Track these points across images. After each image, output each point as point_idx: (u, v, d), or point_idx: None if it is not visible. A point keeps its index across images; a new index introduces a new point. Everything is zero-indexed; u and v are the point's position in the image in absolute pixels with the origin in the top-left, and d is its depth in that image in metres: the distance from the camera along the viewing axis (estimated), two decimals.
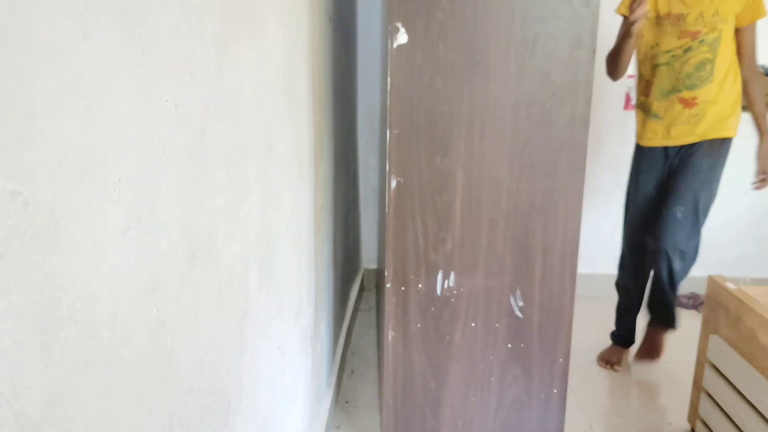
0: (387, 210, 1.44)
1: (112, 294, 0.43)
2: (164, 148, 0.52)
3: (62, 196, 0.37)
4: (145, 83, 0.48)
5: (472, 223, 1.44)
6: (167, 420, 0.54)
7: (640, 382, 1.99)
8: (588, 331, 2.35)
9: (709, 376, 1.57)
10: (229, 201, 0.71)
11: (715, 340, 1.55)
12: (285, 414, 1.08)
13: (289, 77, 1.05)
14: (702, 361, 1.64)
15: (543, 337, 1.51)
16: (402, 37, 1.35)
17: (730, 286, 1.54)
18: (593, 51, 1.36)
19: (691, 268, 1.99)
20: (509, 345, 1.52)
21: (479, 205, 1.43)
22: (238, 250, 0.75)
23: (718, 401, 1.51)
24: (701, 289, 2.67)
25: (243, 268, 0.77)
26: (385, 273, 1.48)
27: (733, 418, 1.44)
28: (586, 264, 2.71)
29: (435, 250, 1.46)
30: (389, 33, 1.35)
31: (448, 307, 1.49)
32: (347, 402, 1.83)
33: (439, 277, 1.47)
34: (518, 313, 1.50)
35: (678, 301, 2.62)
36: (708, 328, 1.62)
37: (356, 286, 2.47)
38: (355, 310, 2.37)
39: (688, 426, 1.75)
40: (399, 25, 1.34)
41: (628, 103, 2.56)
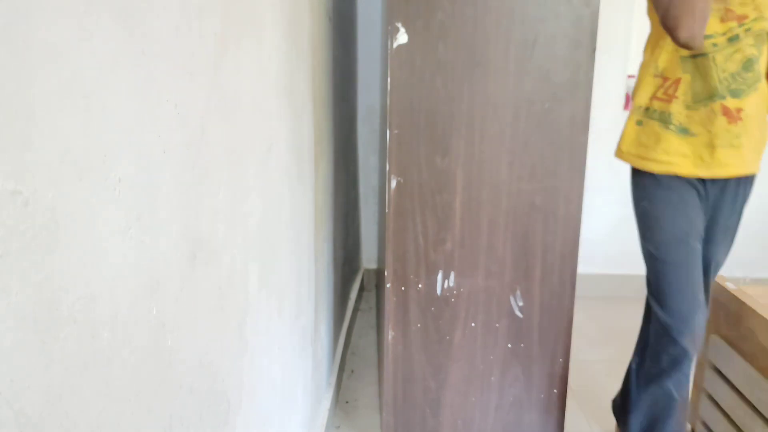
0: (387, 210, 1.44)
1: (112, 294, 0.43)
2: (164, 148, 0.52)
3: (62, 196, 0.37)
4: (145, 83, 0.48)
5: (472, 223, 1.44)
6: (167, 420, 0.54)
7: None
8: (588, 331, 2.35)
9: (709, 376, 1.57)
10: (229, 201, 0.71)
11: (715, 340, 1.55)
12: (285, 414, 1.08)
13: (289, 77, 1.05)
14: (702, 362, 1.64)
15: (543, 337, 1.51)
16: (402, 37, 1.35)
17: (730, 286, 1.54)
18: (593, 51, 1.36)
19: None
20: (509, 345, 1.52)
21: (479, 205, 1.43)
22: (238, 250, 0.75)
23: (718, 401, 1.51)
24: None
25: (243, 268, 0.77)
26: (385, 273, 1.48)
27: (733, 419, 1.44)
28: (586, 264, 2.71)
29: (435, 250, 1.46)
30: (389, 33, 1.35)
31: (448, 307, 1.49)
32: (347, 402, 1.83)
33: (439, 277, 1.47)
34: (518, 313, 1.50)
35: None
36: (708, 328, 1.62)
37: (356, 286, 2.47)
38: (355, 310, 2.37)
39: (688, 426, 1.75)
40: (399, 25, 1.34)
41: (628, 103, 2.55)
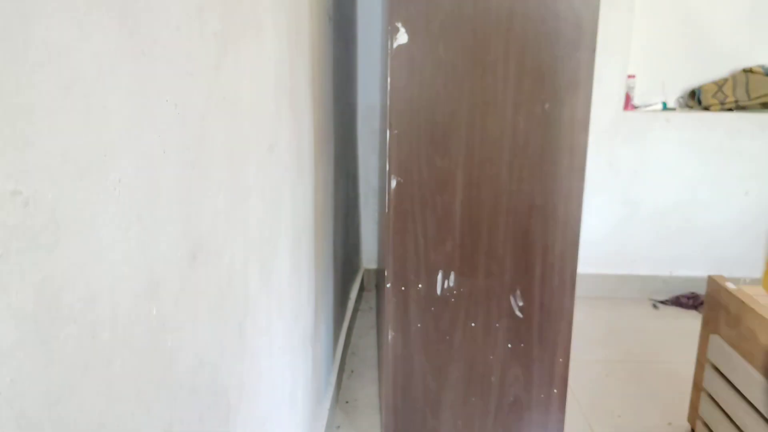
0: (387, 210, 1.44)
1: (112, 294, 0.43)
2: (164, 148, 0.52)
3: (62, 196, 0.37)
4: (145, 83, 0.48)
5: (472, 223, 1.44)
6: (167, 420, 0.54)
7: (640, 382, 1.99)
8: (588, 331, 2.35)
9: (709, 376, 1.57)
10: (229, 201, 0.71)
11: (715, 340, 1.55)
12: (285, 414, 1.08)
13: (289, 77, 1.04)
14: (702, 361, 1.64)
15: (543, 337, 1.51)
16: (402, 37, 1.35)
17: (730, 286, 1.54)
18: (593, 51, 1.36)
19: None
20: (509, 345, 1.52)
21: (479, 205, 1.43)
22: (238, 250, 0.75)
23: (719, 401, 1.51)
24: (701, 289, 2.67)
25: (243, 268, 0.77)
26: (385, 273, 1.48)
27: (734, 418, 1.44)
28: (587, 264, 2.71)
29: (435, 250, 1.46)
30: (389, 33, 1.35)
31: (448, 307, 1.49)
32: (347, 402, 1.83)
33: (439, 277, 1.47)
34: (518, 313, 1.50)
35: (678, 302, 2.62)
36: (708, 328, 1.62)
37: (356, 286, 2.47)
38: (355, 310, 2.37)
39: (688, 426, 1.75)
40: (399, 25, 1.34)
41: (628, 103, 2.56)
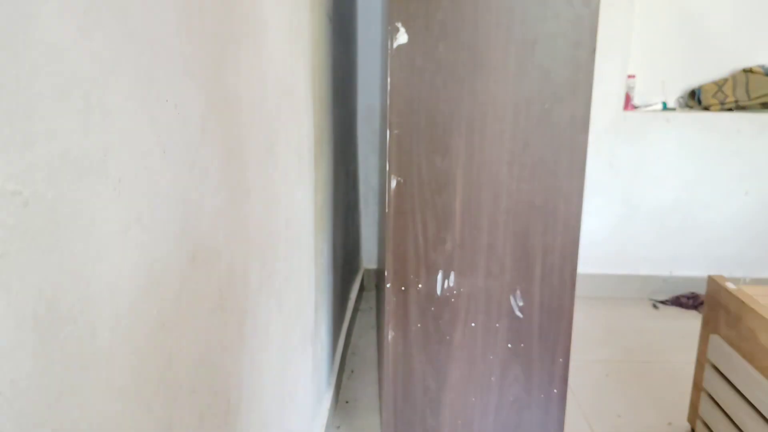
0: (387, 210, 1.44)
1: (112, 294, 0.43)
2: (164, 148, 0.52)
3: (62, 196, 0.37)
4: (145, 83, 0.48)
5: (472, 223, 1.44)
6: (167, 420, 0.54)
7: (640, 382, 1.99)
8: (588, 331, 2.35)
9: (709, 376, 1.57)
10: (229, 201, 0.71)
11: (715, 340, 1.55)
12: (285, 414, 1.08)
13: (289, 77, 1.04)
14: (702, 361, 1.64)
15: (543, 337, 1.51)
16: (402, 37, 1.35)
17: (730, 286, 1.54)
18: (593, 51, 1.36)
19: None
20: (509, 345, 1.52)
21: (479, 205, 1.43)
22: (238, 250, 0.75)
23: (719, 401, 1.51)
24: (701, 289, 2.67)
25: (243, 268, 0.77)
26: (385, 273, 1.48)
27: (733, 418, 1.44)
28: (586, 264, 2.71)
29: (435, 250, 1.46)
30: (389, 33, 1.35)
31: (448, 307, 1.49)
32: (347, 402, 1.83)
33: (439, 277, 1.47)
34: (518, 313, 1.50)
35: (678, 302, 2.62)
36: (708, 328, 1.62)
37: (356, 286, 2.47)
38: (355, 310, 2.37)
39: (688, 426, 1.75)
40: (399, 25, 1.34)
41: (628, 103, 2.56)
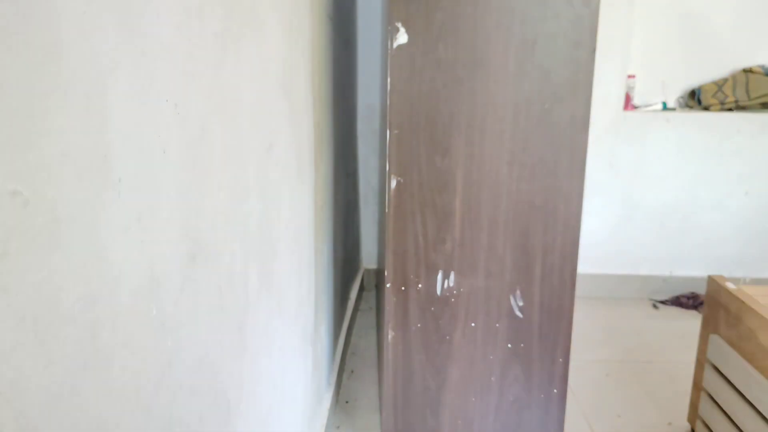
0: (387, 210, 1.44)
1: (112, 294, 0.43)
2: (164, 148, 0.52)
3: (62, 196, 0.37)
4: (145, 83, 0.48)
5: (472, 223, 1.44)
6: (167, 420, 0.54)
7: (640, 382, 1.99)
8: (588, 331, 2.35)
9: (709, 376, 1.57)
10: (229, 201, 0.71)
11: (715, 340, 1.55)
12: (285, 414, 1.08)
13: (289, 77, 1.04)
14: (702, 361, 1.64)
15: (543, 337, 1.51)
16: (402, 37, 1.35)
17: (730, 286, 1.54)
18: (593, 51, 1.36)
19: None
20: (509, 345, 1.52)
21: (479, 205, 1.43)
22: (238, 250, 0.75)
23: (718, 401, 1.51)
24: (701, 289, 2.67)
25: (243, 268, 0.77)
26: (385, 273, 1.48)
27: (733, 418, 1.44)
28: (586, 264, 2.71)
29: (435, 250, 1.46)
30: (389, 33, 1.35)
31: (448, 307, 1.49)
32: (347, 402, 1.83)
33: (439, 277, 1.47)
34: (518, 313, 1.50)
35: (678, 302, 2.62)
36: (708, 328, 1.62)
37: (356, 286, 2.47)
38: (355, 310, 2.37)
39: (688, 426, 1.75)
40: (399, 25, 1.34)
41: (628, 103, 2.56)
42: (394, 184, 1.42)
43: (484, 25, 1.35)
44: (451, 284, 1.48)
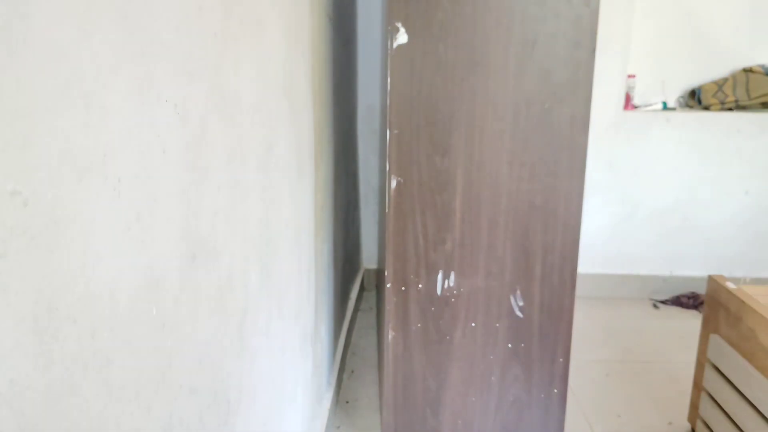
0: (387, 210, 1.44)
1: (112, 294, 0.43)
2: (164, 148, 0.52)
3: (62, 196, 0.37)
4: (145, 83, 0.48)
5: (472, 223, 1.44)
6: (167, 420, 0.54)
7: (640, 382, 1.99)
8: (588, 331, 2.35)
9: (710, 375, 1.57)
10: (229, 201, 0.71)
11: (715, 339, 1.55)
12: (285, 414, 1.08)
13: (289, 77, 1.05)
14: (702, 361, 1.64)
15: (543, 336, 1.51)
16: (402, 37, 1.35)
17: (731, 285, 1.54)
18: (593, 51, 1.36)
19: None
20: (509, 345, 1.52)
21: (479, 205, 1.43)
22: (238, 250, 0.75)
23: (719, 401, 1.51)
24: (701, 289, 2.67)
25: (243, 268, 0.77)
26: (385, 273, 1.48)
27: (734, 418, 1.44)
28: (587, 264, 2.71)
29: (435, 250, 1.46)
30: (389, 33, 1.35)
31: (448, 307, 1.49)
32: (347, 402, 1.83)
33: (439, 277, 1.47)
34: (518, 313, 1.50)
35: (678, 301, 2.62)
36: (708, 328, 1.62)
37: (356, 286, 2.47)
38: (356, 310, 2.37)
39: (688, 426, 1.75)
40: (399, 25, 1.34)
41: (628, 103, 2.55)
42: (394, 184, 1.42)
43: (484, 24, 1.35)
44: (452, 284, 1.48)
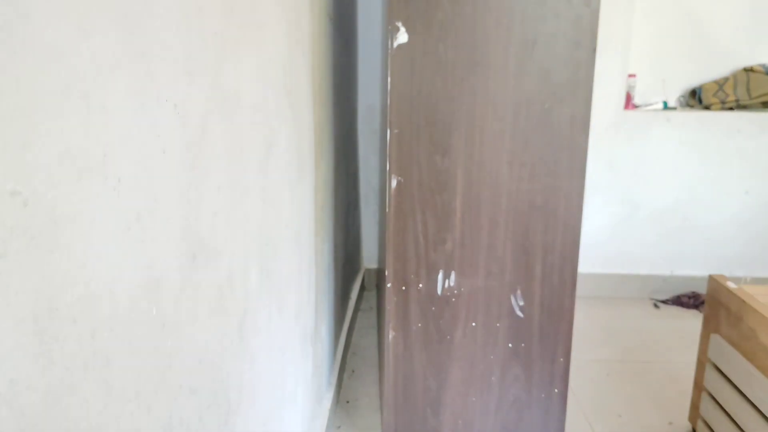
0: (387, 210, 1.44)
1: (112, 294, 0.43)
2: (164, 148, 0.52)
3: (62, 196, 0.37)
4: (144, 83, 0.48)
5: (473, 223, 1.44)
6: (167, 420, 0.54)
7: (641, 381, 1.99)
8: (588, 331, 2.35)
9: (710, 375, 1.57)
10: (229, 201, 0.71)
11: (716, 339, 1.55)
12: (285, 414, 1.08)
13: (289, 77, 1.05)
14: (703, 361, 1.64)
15: (543, 336, 1.51)
16: (402, 37, 1.35)
17: (731, 285, 1.54)
18: (593, 51, 1.36)
19: None
20: (510, 345, 1.52)
21: (479, 204, 1.43)
22: (238, 250, 0.75)
23: (719, 401, 1.51)
24: (702, 289, 2.67)
25: (243, 268, 0.77)
26: (386, 273, 1.48)
27: (734, 418, 1.44)
28: (587, 264, 2.71)
29: (435, 249, 1.46)
30: (389, 33, 1.35)
31: (448, 306, 1.49)
32: (348, 402, 1.83)
33: (440, 276, 1.47)
34: (519, 313, 1.50)
35: (679, 301, 2.62)
36: (709, 328, 1.62)
37: (357, 286, 2.47)
38: (356, 310, 2.37)
39: (689, 425, 1.75)
40: (399, 24, 1.34)
41: (629, 103, 2.55)
42: (394, 183, 1.42)
43: (484, 24, 1.35)
44: (452, 284, 1.48)
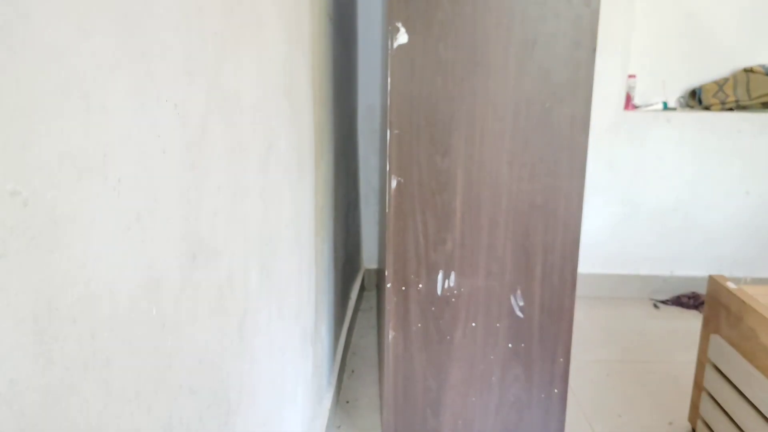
0: (387, 210, 1.44)
1: (112, 294, 0.43)
2: (164, 148, 0.52)
3: (62, 196, 0.37)
4: (144, 83, 0.48)
5: (473, 223, 1.44)
6: (167, 420, 0.54)
7: (640, 381, 1.99)
8: (588, 331, 2.35)
9: (710, 375, 1.57)
10: (229, 201, 0.71)
11: (715, 339, 1.55)
12: (285, 414, 1.08)
13: (289, 77, 1.05)
14: (703, 361, 1.64)
15: (543, 336, 1.51)
16: (402, 37, 1.35)
17: (731, 285, 1.54)
18: (593, 51, 1.36)
19: None
20: (510, 345, 1.52)
21: (479, 204, 1.43)
22: (238, 250, 0.75)
23: (719, 401, 1.51)
24: (702, 289, 2.67)
25: (243, 268, 0.77)
26: (386, 273, 1.48)
27: (734, 418, 1.44)
28: (587, 264, 2.71)
29: (435, 250, 1.46)
30: (389, 33, 1.35)
31: (448, 307, 1.49)
32: (348, 402, 1.83)
33: (440, 277, 1.47)
34: (519, 313, 1.50)
35: (679, 301, 2.62)
36: (709, 328, 1.62)
37: (357, 286, 2.47)
38: (356, 310, 2.37)
39: (689, 426, 1.75)
40: (399, 25, 1.34)
41: (629, 103, 2.55)
42: (394, 184, 1.42)
43: (484, 25, 1.35)
44: (452, 284, 1.48)
